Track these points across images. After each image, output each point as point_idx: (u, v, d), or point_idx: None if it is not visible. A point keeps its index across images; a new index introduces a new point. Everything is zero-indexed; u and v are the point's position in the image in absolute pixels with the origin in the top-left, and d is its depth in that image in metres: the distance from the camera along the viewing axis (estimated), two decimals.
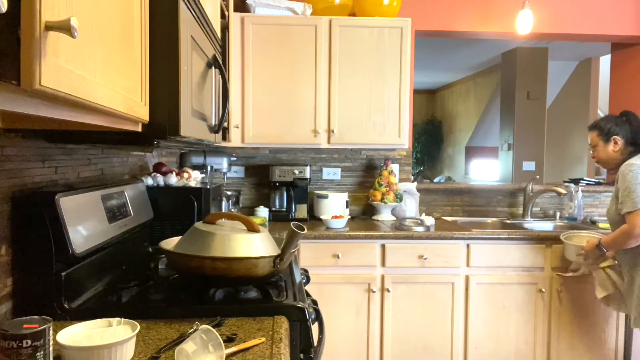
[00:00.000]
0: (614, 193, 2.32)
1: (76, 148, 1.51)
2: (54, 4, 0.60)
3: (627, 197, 2.20)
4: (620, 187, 2.26)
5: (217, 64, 1.66)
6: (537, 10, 3.47)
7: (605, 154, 2.44)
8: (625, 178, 2.23)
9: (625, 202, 2.21)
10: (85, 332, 1.00)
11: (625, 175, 2.24)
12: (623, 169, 2.28)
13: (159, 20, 1.13)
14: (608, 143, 2.41)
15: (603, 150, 2.44)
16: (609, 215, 2.38)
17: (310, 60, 3.05)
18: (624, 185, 2.23)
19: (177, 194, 1.97)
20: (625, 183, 2.23)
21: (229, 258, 1.28)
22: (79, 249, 1.22)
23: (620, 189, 2.26)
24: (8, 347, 0.82)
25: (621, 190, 2.25)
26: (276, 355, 1.03)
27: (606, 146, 2.42)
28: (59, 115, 0.72)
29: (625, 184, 2.23)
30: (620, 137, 2.39)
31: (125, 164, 1.99)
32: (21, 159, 1.21)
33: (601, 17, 3.58)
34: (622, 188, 2.24)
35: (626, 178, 2.23)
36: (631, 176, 2.21)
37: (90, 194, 1.36)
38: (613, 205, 2.34)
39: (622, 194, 2.23)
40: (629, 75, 3.95)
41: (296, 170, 3.21)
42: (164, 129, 1.16)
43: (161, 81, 1.14)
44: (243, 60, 3.01)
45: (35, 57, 0.56)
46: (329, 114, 3.09)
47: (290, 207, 3.26)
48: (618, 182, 2.29)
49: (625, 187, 2.22)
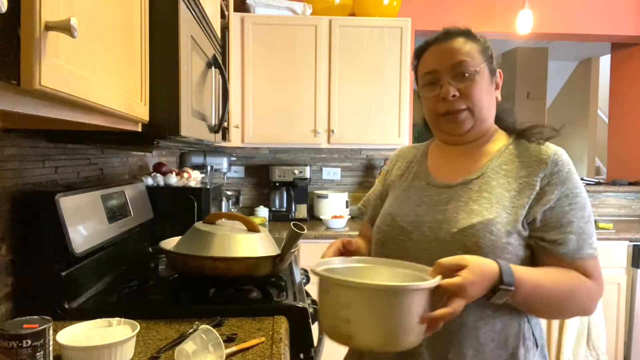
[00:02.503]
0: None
1: (76, 148, 1.51)
2: (54, 4, 0.60)
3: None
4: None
5: (217, 64, 1.66)
6: (537, 10, 3.47)
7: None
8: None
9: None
10: (85, 332, 0.99)
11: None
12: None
13: (159, 20, 1.13)
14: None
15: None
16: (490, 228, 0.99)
17: (310, 60, 3.04)
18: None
19: (177, 194, 1.96)
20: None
21: (229, 258, 1.28)
22: (79, 249, 1.22)
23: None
24: (8, 347, 0.82)
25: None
26: (276, 355, 1.03)
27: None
28: (59, 115, 0.72)
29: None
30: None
31: (125, 164, 1.99)
32: (21, 159, 1.21)
33: (601, 17, 3.58)
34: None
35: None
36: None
37: (90, 194, 1.36)
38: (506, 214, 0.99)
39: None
40: (629, 75, 3.95)
41: (296, 170, 3.21)
42: (164, 129, 1.16)
43: (161, 81, 1.14)
44: (243, 60, 3.01)
45: (35, 57, 0.56)
46: (329, 114, 3.09)
47: (290, 207, 3.25)
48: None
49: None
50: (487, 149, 1.05)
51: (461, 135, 1.03)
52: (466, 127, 1.01)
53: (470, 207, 0.96)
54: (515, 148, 1.03)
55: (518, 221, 0.93)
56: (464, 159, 1.05)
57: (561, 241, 0.93)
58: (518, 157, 1.01)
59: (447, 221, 0.97)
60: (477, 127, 1.02)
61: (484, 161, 1.03)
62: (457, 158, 1.07)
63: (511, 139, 1.05)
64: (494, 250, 0.91)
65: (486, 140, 1.06)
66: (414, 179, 1.12)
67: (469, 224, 0.93)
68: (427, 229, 0.98)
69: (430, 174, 1.09)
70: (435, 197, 1.03)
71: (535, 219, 0.94)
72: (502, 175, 0.99)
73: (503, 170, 0.99)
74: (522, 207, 0.94)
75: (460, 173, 1.04)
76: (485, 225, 0.92)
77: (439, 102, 1.00)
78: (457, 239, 0.93)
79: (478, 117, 1.00)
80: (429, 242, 0.97)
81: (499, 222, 0.93)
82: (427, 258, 0.91)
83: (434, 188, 1.05)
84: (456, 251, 0.90)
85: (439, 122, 1.03)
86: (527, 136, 1.03)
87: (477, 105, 0.99)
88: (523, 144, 1.02)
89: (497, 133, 1.08)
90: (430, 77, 1.02)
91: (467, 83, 0.98)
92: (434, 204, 1.02)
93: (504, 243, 0.92)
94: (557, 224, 0.93)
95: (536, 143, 1.01)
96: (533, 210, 0.94)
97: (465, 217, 0.95)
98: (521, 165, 0.99)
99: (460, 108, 0.99)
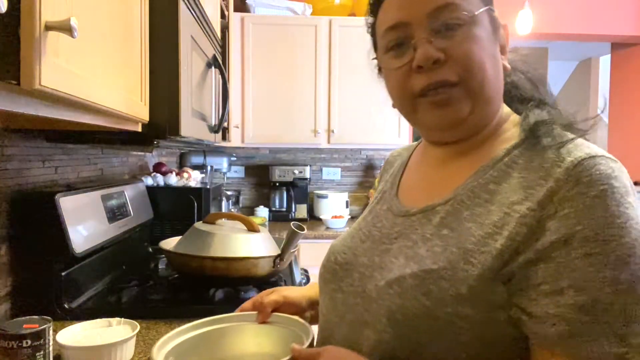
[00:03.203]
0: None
1: (76, 148, 1.51)
2: (54, 4, 0.60)
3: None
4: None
5: (217, 64, 1.66)
6: (537, 10, 3.47)
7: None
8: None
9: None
10: (85, 332, 0.99)
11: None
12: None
13: (159, 20, 1.13)
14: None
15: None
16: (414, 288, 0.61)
17: (310, 60, 3.04)
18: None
19: (177, 194, 1.97)
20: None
21: (229, 258, 1.28)
22: (79, 249, 1.21)
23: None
24: (8, 347, 0.82)
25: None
26: None
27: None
28: (59, 115, 0.72)
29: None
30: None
31: (125, 164, 1.99)
32: (21, 159, 1.21)
33: (601, 17, 3.58)
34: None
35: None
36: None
37: (90, 194, 1.36)
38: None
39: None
40: (629, 75, 3.95)
41: (296, 170, 3.21)
42: (164, 129, 1.16)
43: (161, 81, 1.14)
44: (243, 60, 3.01)
45: (35, 57, 0.56)
46: (329, 114, 3.09)
47: (290, 207, 3.26)
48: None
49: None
50: (486, 152, 0.65)
51: (453, 126, 0.64)
52: (461, 114, 0.62)
53: (415, 250, 0.61)
54: (524, 152, 0.61)
55: (484, 278, 0.54)
56: (448, 169, 0.68)
57: (553, 319, 0.51)
58: (521, 170, 0.59)
59: (380, 267, 0.64)
60: (477, 114, 0.63)
61: (468, 175, 0.64)
62: (438, 168, 0.70)
63: (522, 134, 0.63)
64: (432, 326, 0.55)
65: (485, 138, 0.66)
66: (380, 200, 0.78)
67: (397, 276, 0.60)
68: (358, 277, 0.67)
69: (398, 194, 0.75)
70: (386, 230, 0.69)
71: (512, 276, 0.54)
72: (483, 200, 0.59)
73: (488, 193, 0.60)
74: (498, 253, 0.54)
75: (431, 193, 0.67)
76: (420, 281, 0.57)
77: (411, 74, 0.62)
78: (384, 298, 0.60)
79: (479, 95, 0.61)
80: (355, 295, 0.65)
81: (445, 277, 0.55)
82: (352, 320, 0.64)
83: (391, 216, 0.71)
84: (381, 318, 0.59)
85: (414, 107, 0.64)
86: (537, 135, 0.61)
87: (478, 74, 0.60)
88: (537, 145, 0.60)
89: (507, 123, 0.67)
90: (396, 34, 0.63)
91: (458, 38, 0.60)
92: (380, 240, 0.69)
93: (448, 314, 0.54)
94: (550, 288, 0.51)
95: (552, 145, 0.58)
96: (514, 259, 0.53)
97: (401, 265, 0.61)
98: (520, 183, 0.57)
99: (449, 80, 0.60)
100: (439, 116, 0.63)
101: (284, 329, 0.78)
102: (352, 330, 0.63)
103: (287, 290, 0.86)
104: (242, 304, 0.86)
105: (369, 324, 0.61)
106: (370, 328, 0.61)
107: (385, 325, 0.58)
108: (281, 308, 0.82)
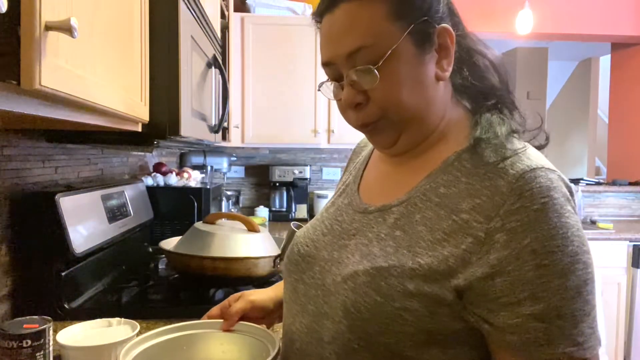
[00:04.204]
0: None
1: (76, 148, 1.51)
2: (54, 4, 0.60)
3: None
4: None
5: (217, 64, 1.66)
6: (537, 10, 3.47)
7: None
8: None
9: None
10: (85, 332, 0.99)
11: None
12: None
13: (159, 20, 1.13)
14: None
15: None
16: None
17: (310, 60, 3.04)
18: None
19: (177, 194, 1.97)
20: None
21: (229, 258, 1.28)
22: (79, 249, 1.22)
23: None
24: (8, 347, 0.82)
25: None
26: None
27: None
28: (59, 115, 0.72)
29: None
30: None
31: (125, 164, 1.99)
32: (21, 159, 1.21)
33: (601, 17, 3.58)
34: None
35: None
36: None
37: (90, 194, 1.36)
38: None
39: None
40: (629, 75, 3.95)
41: (296, 170, 3.21)
42: (164, 129, 1.16)
43: (161, 81, 1.14)
44: (243, 60, 3.01)
45: (35, 57, 0.56)
46: (329, 114, 3.08)
47: (290, 207, 3.26)
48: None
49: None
50: (438, 154, 0.68)
51: (389, 147, 0.70)
52: (390, 140, 0.68)
53: (370, 248, 0.65)
54: (471, 157, 0.64)
55: (430, 279, 0.58)
56: (402, 171, 0.72)
57: (513, 328, 0.55)
58: (468, 176, 0.62)
59: (338, 262, 0.68)
60: (409, 134, 0.67)
61: (421, 177, 0.67)
62: (394, 167, 0.73)
63: (471, 139, 0.65)
64: (382, 319, 0.59)
65: (434, 142, 0.69)
66: (342, 192, 0.81)
67: (352, 272, 0.64)
68: (319, 270, 0.70)
69: (359, 189, 0.78)
70: (346, 225, 0.72)
71: (470, 287, 0.57)
72: (433, 204, 0.63)
73: (438, 196, 0.63)
74: (444, 258, 0.58)
75: (387, 193, 0.71)
76: (371, 277, 0.61)
77: (345, 109, 0.68)
78: (339, 292, 0.64)
79: (403, 123, 0.66)
80: (316, 287, 0.69)
81: (394, 274, 0.60)
82: (314, 312, 0.68)
83: (351, 211, 0.74)
84: (337, 310, 0.63)
85: (360, 131, 0.70)
86: (480, 143, 0.64)
87: (397, 110, 0.64)
88: (481, 152, 0.63)
89: (456, 126, 0.69)
90: (329, 70, 0.68)
91: (374, 80, 0.62)
92: (339, 235, 0.72)
93: (396, 308, 0.58)
94: (508, 300, 0.55)
95: (495, 155, 0.61)
96: (464, 272, 0.57)
97: (356, 262, 0.65)
98: (467, 190, 0.61)
99: (370, 120, 0.65)
100: (375, 142, 0.71)
101: (251, 338, 0.78)
102: (313, 320, 0.68)
103: (254, 295, 0.87)
104: (210, 310, 0.86)
105: (328, 315, 0.65)
106: (329, 319, 0.65)
107: (341, 317, 0.63)
108: (249, 314, 0.83)
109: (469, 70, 0.69)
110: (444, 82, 0.67)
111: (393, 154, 0.72)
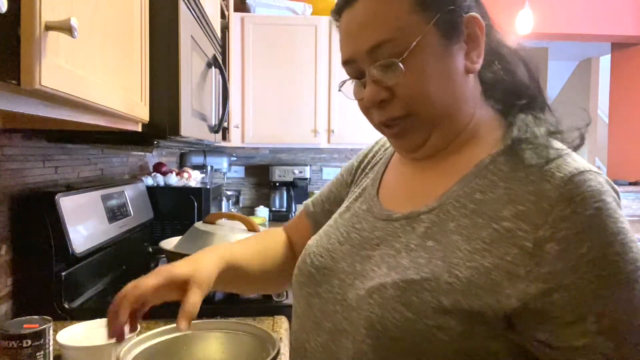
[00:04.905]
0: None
1: (76, 148, 1.51)
2: (54, 4, 0.60)
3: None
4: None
5: (217, 64, 1.66)
6: (537, 10, 3.47)
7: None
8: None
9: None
10: (85, 332, 0.99)
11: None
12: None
13: (159, 20, 1.13)
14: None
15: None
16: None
17: (310, 60, 3.04)
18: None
19: (177, 194, 1.97)
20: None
21: None
22: (79, 249, 1.22)
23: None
24: (8, 347, 0.82)
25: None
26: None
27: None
28: (59, 115, 0.72)
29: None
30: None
31: (125, 164, 1.99)
32: (21, 159, 1.21)
33: (601, 17, 3.58)
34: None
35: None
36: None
37: (90, 194, 1.36)
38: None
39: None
40: (629, 76, 3.95)
41: (296, 170, 3.21)
42: (164, 129, 1.16)
43: (161, 81, 1.14)
44: (243, 60, 3.01)
45: (35, 57, 0.56)
46: (329, 114, 3.08)
47: (290, 207, 3.26)
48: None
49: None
50: (468, 157, 0.62)
51: (415, 150, 0.64)
52: (418, 141, 0.63)
53: (398, 260, 0.58)
54: (508, 160, 0.58)
55: (470, 294, 0.52)
56: (429, 175, 0.65)
57: (581, 350, 0.50)
58: (507, 180, 0.56)
59: (362, 275, 0.61)
60: (438, 134, 0.62)
61: (452, 182, 0.61)
62: (419, 171, 0.67)
63: (507, 140, 0.60)
64: (413, 338, 0.53)
65: (463, 143, 0.63)
66: (359, 196, 0.74)
67: (378, 285, 0.57)
68: (338, 283, 0.63)
69: (378, 194, 0.71)
70: (366, 234, 0.65)
71: (525, 308, 0.51)
72: (469, 211, 0.57)
73: (474, 203, 0.57)
74: (485, 270, 0.52)
75: (413, 198, 0.64)
76: (401, 291, 0.54)
77: (368, 108, 0.64)
78: (363, 307, 0.57)
79: (433, 121, 0.61)
80: (334, 302, 0.62)
81: (427, 288, 0.53)
82: (331, 329, 0.61)
83: (371, 218, 0.67)
84: (360, 328, 0.56)
85: (382, 132, 0.66)
86: (520, 144, 0.58)
87: (424, 106, 0.59)
88: (521, 154, 0.57)
89: (486, 127, 0.63)
90: (350, 69, 0.63)
91: (400, 75, 0.57)
92: (360, 245, 0.65)
93: (429, 326, 0.52)
94: (570, 319, 0.50)
95: (537, 157, 0.56)
96: (512, 288, 0.51)
97: (383, 274, 0.58)
98: (508, 195, 0.55)
99: (395, 116, 0.60)
100: (399, 145, 0.66)
101: (251, 338, 0.76)
102: (330, 338, 0.61)
103: (179, 267, 0.72)
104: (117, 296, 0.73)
105: (347, 333, 0.58)
106: (348, 338, 0.58)
107: (364, 336, 0.56)
108: (161, 290, 0.72)
109: (500, 63, 0.64)
110: (474, 77, 0.63)
111: (419, 158, 0.66)
